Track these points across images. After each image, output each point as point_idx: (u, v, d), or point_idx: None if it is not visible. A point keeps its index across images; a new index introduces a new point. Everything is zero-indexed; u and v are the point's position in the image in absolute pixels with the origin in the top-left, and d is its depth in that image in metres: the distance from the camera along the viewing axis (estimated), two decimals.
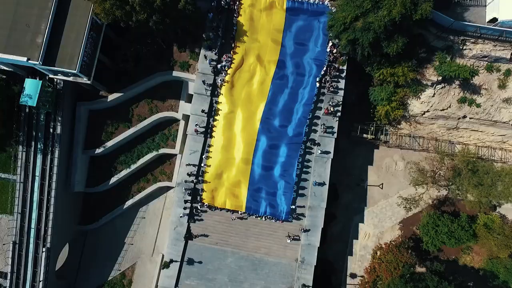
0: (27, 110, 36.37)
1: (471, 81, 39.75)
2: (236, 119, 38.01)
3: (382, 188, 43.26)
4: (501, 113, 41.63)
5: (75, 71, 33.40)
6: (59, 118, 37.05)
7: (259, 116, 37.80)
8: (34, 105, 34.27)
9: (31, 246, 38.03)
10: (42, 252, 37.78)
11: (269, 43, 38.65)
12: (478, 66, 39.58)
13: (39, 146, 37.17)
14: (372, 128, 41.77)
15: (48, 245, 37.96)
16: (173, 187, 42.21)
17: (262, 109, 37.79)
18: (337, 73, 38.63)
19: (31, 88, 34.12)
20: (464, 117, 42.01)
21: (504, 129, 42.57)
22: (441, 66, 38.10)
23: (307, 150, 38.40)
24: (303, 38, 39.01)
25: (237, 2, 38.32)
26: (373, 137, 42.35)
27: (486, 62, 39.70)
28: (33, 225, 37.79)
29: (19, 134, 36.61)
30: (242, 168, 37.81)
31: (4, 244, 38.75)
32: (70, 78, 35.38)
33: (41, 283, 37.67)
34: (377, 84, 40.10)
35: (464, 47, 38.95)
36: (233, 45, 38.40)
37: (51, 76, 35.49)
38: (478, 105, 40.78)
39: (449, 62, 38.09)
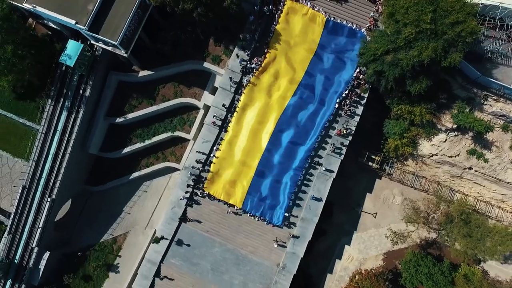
0: (63, 68, 38.55)
1: (484, 136, 40.57)
2: (252, 121, 39.59)
3: (375, 217, 44.39)
4: (507, 173, 42.32)
5: (116, 43, 35.43)
6: (90, 82, 39.22)
7: (274, 122, 39.32)
8: (71, 66, 36.42)
9: (38, 194, 40.30)
10: (47, 201, 40.05)
11: (300, 56, 40.04)
12: (494, 123, 40.36)
13: (66, 103, 39.41)
14: (379, 158, 42.91)
15: (53, 196, 40.20)
16: (179, 170, 44.19)
17: (279, 116, 39.28)
18: (358, 99, 39.93)
19: (72, 49, 36.28)
20: (470, 168, 42.85)
21: (506, 189, 43.25)
22: (459, 115, 39.05)
23: (312, 164, 39.77)
24: (333, 57, 40.32)
25: (279, 11, 39.89)
26: (378, 167, 43.50)
27: (503, 121, 40.47)
28: (44, 174, 40.06)
29: (51, 89, 38.88)
30: (247, 168, 39.37)
31: (14, 186, 41.14)
32: (109, 48, 37.42)
33: (39, 229, 39.95)
34: (394, 117, 41.22)
35: (485, 102, 39.80)
36: (265, 51, 39.88)
37: (92, 42, 37.59)
38: (486, 160, 41.54)
39: (467, 113, 38.99)
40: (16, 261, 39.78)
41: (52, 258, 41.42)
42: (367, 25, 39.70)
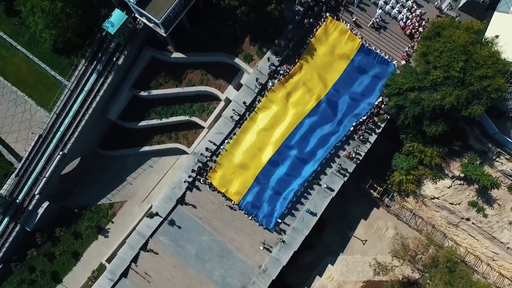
0: (103, 34, 40.86)
1: (489, 191, 41.41)
2: (266, 125, 41.17)
3: (364, 244, 45.59)
4: (503, 232, 43.08)
5: (158, 22, 37.51)
6: (125, 52, 41.47)
7: (287, 132, 40.89)
8: (112, 33, 38.70)
9: (52, 145, 42.71)
10: (58, 154, 42.43)
11: (328, 73, 41.46)
12: (501, 182, 41.18)
13: (98, 67, 41.73)
14: (381, 188, 44.13)
15: (65, 150, 42.57)
16: (188, 154, 46.16)
17: (293, 127, 40.82)
18: (373, 127, 41.31)
19: (116, 18, 38.55)
20: (468, 219, 43.71)
21: (498, 248, 43.98)
22: (468, 165, 40.02)
23: (316, 179, 41.24)
24: (359, 82, 41.76)
25: (318, 26, 41.49)
26: (379, 196, 44.72)
27: (511, 182, 41.35)
28: (62, 129, 42.45)
29: (88, 50, 41.25)
30: (252, 167, 41.02)
31: (32, 133, 43.66)
32: (151, 25, 39.57)
33: (44, 178, 42.35)
34: (404, 153, 42.39)
35: (497, 159, 40.73)
36: (296, 60, 41.48)
37: (136, 15, 39.79)
38: (485, 216, 42.35)
39: (477, 165, 39.95)
40: (17, 201, 42.24)
41: (50, 208, 43.83)
42: (400, 58, 41.10)
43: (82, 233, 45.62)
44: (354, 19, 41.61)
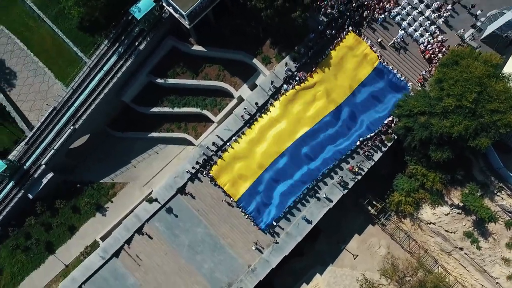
0: (129, 18, 42.08)
1: (486, 224, 42.02)
2: (275, 128, 42.17)
3: (354, 259, 46.38)
4: (494, 267, 43.60)
5: (184, 13, 38.68)
6: (148, 39, 42.71)
7: (294, 137, 41.84)
8: (138, 18, 39.94)
9: (64, 119, 43.98)
10: (69, 128, 43.74)
11: (343, 85, 42.44)
12: (500, 216, 41.76)
13: (119, 49, 43.01)
14: (379, 206, 44.89)
15: (76, 126, 43.91)
16: (194, 146, 47.29)
17: (301, 134, 41.80)
18: (380, 144, 42.11)
19: (144, 4, 39.77)
20: (461, 249, 44.31)
21: (487, 282, 44.49)
22: (469, 196, 40.66)
23: (315, 187, 42.11)
24: (372, 98, 42.62)
25: (339, 39, 42.37)
26: (376, 214, 45.50)
27: (509, 218, 41.88)
28: (76, 104, 43.75)
29: (112, 32, 42.58)
30: (255, 168, 41.98)
31: (47, 105, 45.08)
32: (176, 15, 40.73)
33: (53, 150, 43.67)
34: (407, 174, 43.16)
35: (498, 193, 41.31)
36: (313, 69, 42.43)
37: (164, 4, 41.01)
38: (479, 248, 42.95)
39: (477, 197, 40.56)
40: (24, 168, 43.70)
41: (54, 180, 45.13)
42: (415, 81, 41.85)
43: (81, 208, 46.87)
44: (378, 40, 42.41)
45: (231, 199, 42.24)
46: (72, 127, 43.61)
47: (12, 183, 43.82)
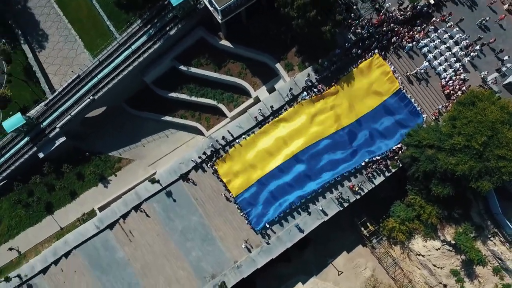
0: (165, 2, 43.89)
1: (474, 266, 42.74)
2: (286, 134, 43.29)
3: (339, 275, 47.44)
4: None
5: (218, 8, 40.26)
6: (179, 26, 44.46)
7: (301, 147, 42.83)
8: (173, 5, 41.63)
9: (85, 88, 46.06)
10: (88, 98, 45.70)
11: (359, 105, 43.41)
12: (489, 261, 42.50)
13: (150, 31, 44.83)
14: (372, 228, 45.85)
15: (96, 97, 45.84)
16: (204, 136, 48.86)
17: (307, 145, 42.86)
18: (384, 169, 43.03)
19: None
20: (445, 286, 44.96)
21: None
22: (462, 235, 41.42)
23: (314, 199, 43.20)
24: (385, 123, 43.43)
25: (364, 59, 43.37)
26: (367, 235, 46.49)
27: (498, 264, 42.55)
28: (99, 76, 45.73)
29: (147, 13, 44.45)
30: (259, 168, 43.22)
31: (72, 72, 47.08)
32: (211, 8, 42.28)
33: (69, 116, 45.70)
34: (405, 203, 43.99)
35: (492, 238, 42.03)
36: (333, 83, 43.51)
37: None
38: None
39: (470, 238, 41.31)
40: (40, 127, 45.78)
41: (65, 144, 47.13)
42: (430, 114, 42.73)
43: (85, 176, 48.77)
44: (402, 67, 42.97)
45: (230, 194, 43.58)
46: (91, 97, 45.50)
47: (26, 139, 46.03)
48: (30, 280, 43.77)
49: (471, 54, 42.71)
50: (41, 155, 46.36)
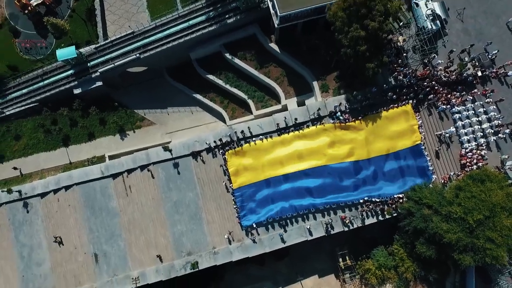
0: None
1: None
2: (301, 149, 45.62)
3: None
4: None
5: (279, 14, 43.07)
6: (238, 17, 47.61)
7: (311, 165, 45.20)
8: None
9: (135, 45, 49.60)
10: (135, 54, 49.07)
11: (377, 144, 45.33)
12: None
13: (211, 13, 48.03)
14: (349, 263, 47.68)
15: (141, 56, 49.21)
16: (225, 124, 51.76)
17: (318, 165, 45.12)
18: (379, 212, 44.86)
19: None
20: None
21: None
22: None
23: (305, 216, 45.29)
24: (396, 170, 45.10)
25: (396, 105, 45.09)
26: (342, 268, 48.41)
27: None
28: (150, 39, 49.37)
29: None
30: (266, 171, 45.64)
31: (129, 26, 50.60)
32: (272, 11, 45.08)
33: (112, 65, 49.20)
34: (388, 250, 45.67)
35: None
36: (359, 117, 45.46)
37: None
38: None
39: None
40: (87, 65, 49.77)
41: (99, 89, 50.71)
42: (440, 177, 44.30)
43: (107, 123, 52.35)
44: (430, 131, 44.32)
45: (231, 185, 46.19)
46: (137, 55, 48.95)
47: (70, 71, 50.02)
48: (27, 199, 47.41)
49: (499, 135, 44.02)
50: (76, 91, 50.12)
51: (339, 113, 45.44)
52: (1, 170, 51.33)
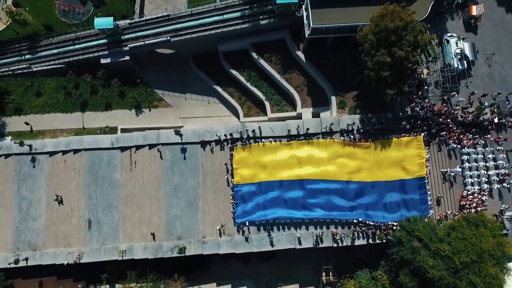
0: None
1: None
2: (307, 159, 46.94)
3: None
4: None
5: (311, 25, 44.75)
6: (271, 20, 49.44)
7: (314, 176, 46.52)
8: (277, 1, 46.26)
9: (168, 28, 51.16)
10: (166, 36, 50.87)
11: (382, 169, 46.47)
12: None
13: (245, 11, 49.85)
14: (332, 279, 48.60)
15: (171, 40, 50.93)
16: (238, 120, 53.34)
17: (321, 178, 46.35)
18: (370, 235, 45.83)
19: None
20: None
21: None
22: None
23: (298, 224, 46.46)
24: (395, 197, 46.19)
25: (408, 134, 46.15)
26: (324, 283, 49.40)
27: None
28: (183, 25, 50.93)
29: None
30: (268, 173, 47.04)
31: (165, 8, 52.48)
32: (305, 21, 46.54)
33: (143, 42, 50.97)
34: (372, 275, 46.27)
35: None
36: (369, 140, 46.60)
37: (303, 8, 47.18)
38: None
39: None
40: (120, 37, 51.84)
41: (126, 63, 52.62)
42: (437, 213, 45.18)
43: (126, 97, 54.23)
44: (436, 167, 45.53)
45: (232, 180, 47.74)
46: (168, 38, 50.77)
47: (103, 41, 52.06)
48: (36, 155, 49.38)
49: (504, 183, 44.76)
50: (104, 60, 52.00)
51: (354, 131, 46.63)
52: (17, 122, 53.56)
